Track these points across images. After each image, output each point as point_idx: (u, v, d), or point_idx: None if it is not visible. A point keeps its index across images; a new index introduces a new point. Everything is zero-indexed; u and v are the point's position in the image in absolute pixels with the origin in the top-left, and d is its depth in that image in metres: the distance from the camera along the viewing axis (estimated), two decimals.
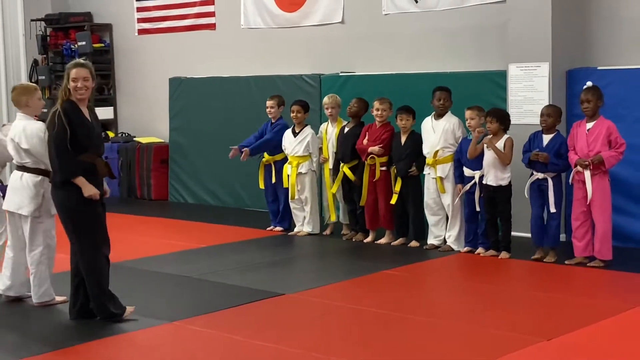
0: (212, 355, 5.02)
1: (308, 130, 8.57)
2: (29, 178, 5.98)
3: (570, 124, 7.45)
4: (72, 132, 5.43)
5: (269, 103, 8.91)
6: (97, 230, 5.59)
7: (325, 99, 8.60)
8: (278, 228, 8.87)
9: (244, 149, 8.75)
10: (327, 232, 8.64)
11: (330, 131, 8.53)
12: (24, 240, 6.07)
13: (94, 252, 5.56)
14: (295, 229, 8.71)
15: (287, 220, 8.85)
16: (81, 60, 5.69)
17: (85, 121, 5.57)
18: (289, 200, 8.66)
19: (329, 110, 8.51)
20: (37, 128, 5.98)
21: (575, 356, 4.89)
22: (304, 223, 8.63)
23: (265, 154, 8.86)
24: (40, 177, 5.97)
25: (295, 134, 8.61)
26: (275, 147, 8.73)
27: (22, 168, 6.03)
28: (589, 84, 7.12)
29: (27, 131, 5.97)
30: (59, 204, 5.58)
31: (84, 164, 5.50)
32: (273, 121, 8.89)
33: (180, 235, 8.89)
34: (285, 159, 8.70)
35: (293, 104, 8.71)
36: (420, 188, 7.96)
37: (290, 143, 8.62)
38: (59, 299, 6.10)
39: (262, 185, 8.86)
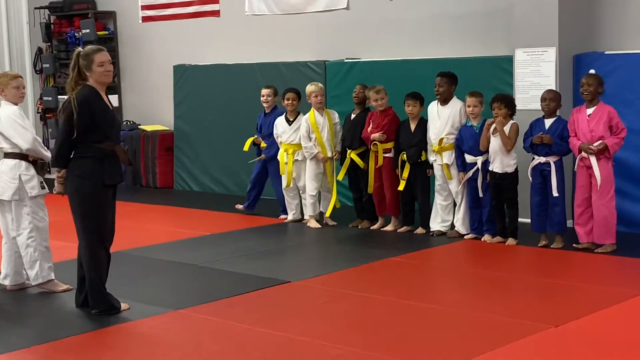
0: (218, 343, 5.00)
1: (302, 118, 8.51)
2: (6, 162, 6.06)
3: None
4: (93, 118, 5.41)
5: (265, 92, 8.92)
6: (105, 220, 5.55)
7: (312, 87, 8.41)
8: (283, 216, 8.85)
9: (263, 155, 8.92)
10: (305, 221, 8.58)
11: (322, 121, 8.37)
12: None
13: (97, 244, 5.52)
14: (289, 217, 8.66)
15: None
16: (98, 46, 5.72)
17: (106, 107, 5.55)
18: (283, 189, 8.63)
19: (318, 98, 8.37)
20: (11, 111, 6.04)
21: (583, 343, 4.86)
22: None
23: (263, 142, 8.92)
24: (16, 161, 6.02)
25: (289, 122, 8.57)
26: None
27: (3, 154, 6.12)
28: (592, 71, 7.07)
29: (0, 116, 6.04)
30: (72, 189, 5.52)
31: (104, 151, 5.48)
32: (267, 111, 8.91)
33: (186, 223, 8.88)
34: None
35: (287, 91, 8.64)
36: (428, 175, 7.92)
37: (285, 131, 8.58)
38: (61, 287, 6.09)
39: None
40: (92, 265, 5.50)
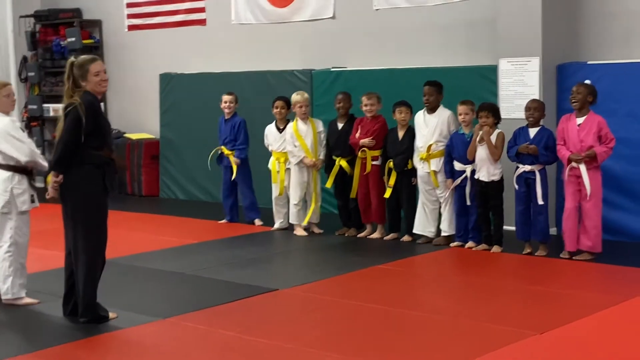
0: (207, 351, 5.02)
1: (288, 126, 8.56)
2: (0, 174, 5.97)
3: (560, 118, 7.47)
4: (97, 124, 5.44)
5: (227, 98, 9.06)
6: (105, 227, 5.58)
7: (298, 97, 8.44)
8: (257, 221, 8.96)
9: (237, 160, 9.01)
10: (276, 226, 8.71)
11: (305, 129, 8.40)
12: None
13: (96, 250, 5.54)
14: (275, 226, 8.69)
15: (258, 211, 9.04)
16: (92, 55, 5.79)
17: (104, 116, 5.64)
18: (274, 197, 8.66)
19: (303, 109, 8.41)
20: (4, 124, 5.96)
21: (568, 349, 4.91)
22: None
23: (225, 149, 9.06)
24: (9, 173, 5.96)
25: (279, 130, 8.61)
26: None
27: None
28: (587, 81, 7.14)
29: None
30: (74, 195, 5.48)
31: (103, 158, 5.51)
32: (227, 117, 9.04)
33: (172, 231, 8.88)
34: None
35: (277, 99, 8.68)
36: (413, 184, 7.96)
37: (276, 140, 8.62)
38: (28, 300, 6.03)
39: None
40: (88, 271, 5.50)
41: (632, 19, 7.98)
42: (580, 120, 7.03)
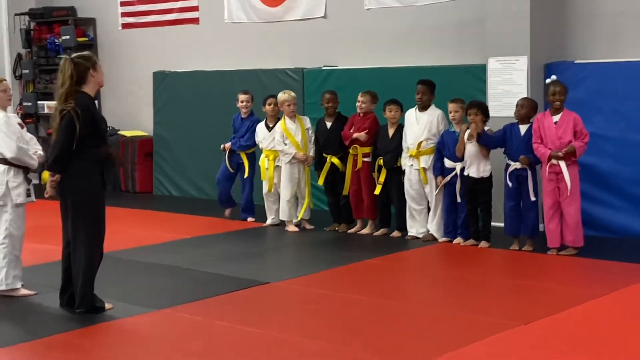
0: (200, 340, 5.13)
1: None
2: None
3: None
4: (95, 125, 5.56)
5: (244, 97, 9.08)
6: (104, 221, 5.69)
7: (285, 96, 8.52)
8: (250, 219, 9.03)
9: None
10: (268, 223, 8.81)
11: (294, 127, 8.52)
12: None
13: (97, 244, 5.65)
14: (267, 222, 8.80)
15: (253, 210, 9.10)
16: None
17: (100, 114, 5.76)
18: (264, 194, 8.78)
19: (291, 107, 8.52)
20: None
21: (552, 339, 5.03)
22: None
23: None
24: (5, 167, 6.04)
25: (269, 128, 8.73)
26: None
27: None
28: (554, 77, 7.27)
29: None
30: (75, 191, 5.57)
31: (102, 154, 5.63)
32: (244, 116, 9.10)
33: (166, 226, 8.98)
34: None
35: (269, 97, 8.79)
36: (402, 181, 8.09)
37: (266, 137, 8.73)
38: (25, 291, 6.13)
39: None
40: (86, 264, 5.60)
41: (619, 19, 8.12)
42: (556, 117, 7.16)
